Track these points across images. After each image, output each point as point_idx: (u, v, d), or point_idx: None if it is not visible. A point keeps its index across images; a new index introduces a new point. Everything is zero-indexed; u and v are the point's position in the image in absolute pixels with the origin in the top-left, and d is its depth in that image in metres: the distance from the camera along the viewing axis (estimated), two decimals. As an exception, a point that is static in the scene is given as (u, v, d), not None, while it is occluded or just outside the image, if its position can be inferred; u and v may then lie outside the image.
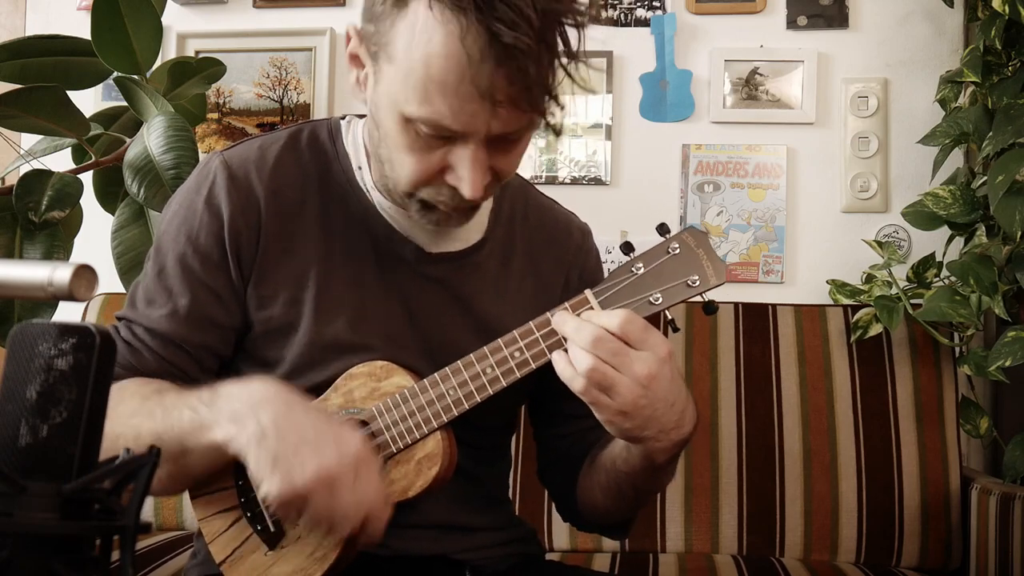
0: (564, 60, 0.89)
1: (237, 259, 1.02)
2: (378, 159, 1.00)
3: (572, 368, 0.90)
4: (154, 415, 0.92)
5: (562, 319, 0.93)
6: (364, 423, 1.00)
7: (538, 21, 0.84)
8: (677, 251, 0.96)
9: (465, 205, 0.97)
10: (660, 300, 0.95)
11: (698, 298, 0.97)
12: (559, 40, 0.88)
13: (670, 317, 0.98)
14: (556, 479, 1.19)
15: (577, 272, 1.18)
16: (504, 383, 0.97)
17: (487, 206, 1.12)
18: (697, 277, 0.95)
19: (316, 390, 1.01)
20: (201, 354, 1.03)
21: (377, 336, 1.03)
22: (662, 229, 0.97)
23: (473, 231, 1.10)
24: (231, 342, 1.05)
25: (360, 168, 1.07)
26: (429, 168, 0.93)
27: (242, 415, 0.88)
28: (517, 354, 0.97)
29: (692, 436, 0.98)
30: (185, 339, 1.01)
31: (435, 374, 0.98)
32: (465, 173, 0.92)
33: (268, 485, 0.86)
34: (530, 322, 0.97)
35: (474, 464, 1.08)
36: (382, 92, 0.93)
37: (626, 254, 0.97)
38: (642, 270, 0.96)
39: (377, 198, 1.06)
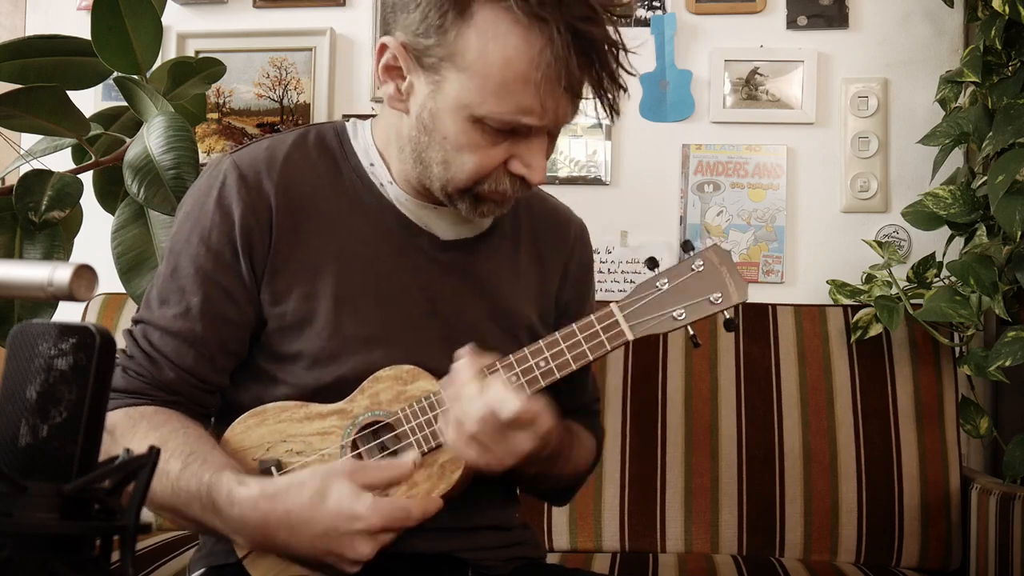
0: (620, 49, 0.96)
1: (249, 257, 1.04)
2: (421, 162, 1.02)
3: (461, 445, 0.95)
4: (163, 484, 0.96)
5: (462, 387, 0.95)
6: (390, 427, 1.02)
7: (602, 14, 0.93)
8: (701, 268, 0.99)
9: (521, 193, 1.03)
10: (683, 316, 0.99)
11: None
12: (616, 31, 0.96)
13: (692, 332, 1.00)
14: None
15: (576, 262, 1.23)
16: (528, 392, 0.99)
17: None
18: (720, 294, 0.98)
19: (340, 383, 1.03)
20: (216, 354, 1.04)
21: (397, 325, 1.05)
22: (686, 246, 1.00)
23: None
24: (245, 340, 1.06)
25: (373, 165, 1.10)
26: (493, 162, 0.99)
27: (265, 543, 0.94)
28: (543, 363, 1.00)
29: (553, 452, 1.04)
30: (199, 338, 1.03)
31: None
32: (534, 161, 0.99)
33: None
34: (556, 333, 1.01)
35: None
36: (446, 98, 0.97)
37: (651, 269, 1.00)
38: (667, 286, 0.99)
39: (394, 192, 1.09)
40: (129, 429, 0.98)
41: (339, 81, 2.26)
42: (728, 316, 0.99)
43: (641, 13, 2.18)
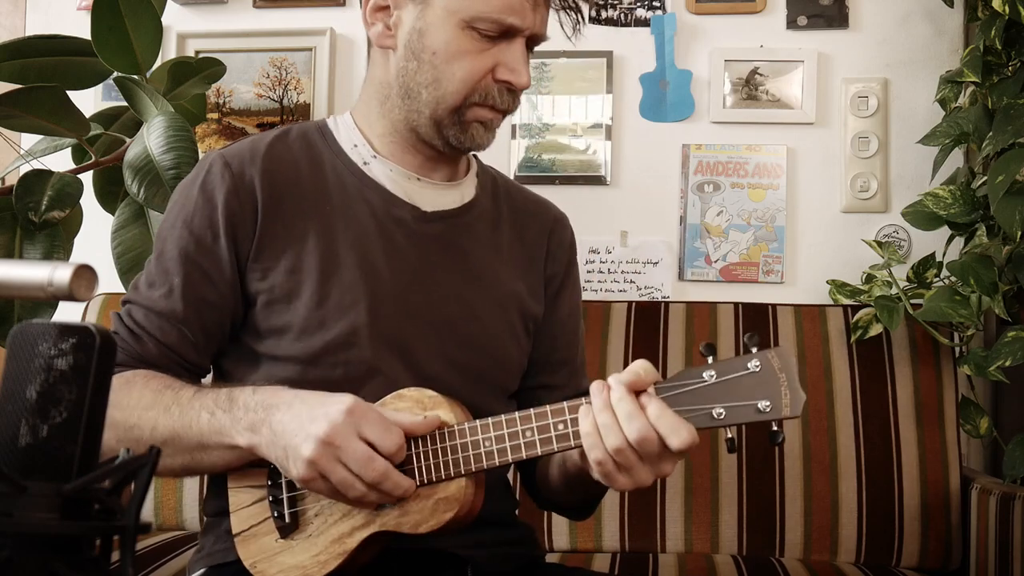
0: None
1: (234, 239, 1.08)
2: (409, 95, 1.09)
3: (597, 436, 0.89)
4: (170, 411, 0.99)
5: (620, 395, 0.89)
6: None
7: None
8: (758, 369, 0.89)
9: (510, 106, 1.10)
10: (723, 416, 0.89)
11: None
12: None
13: (730, 436, 0.91)
14: None
15: (556, 240, 1.26)
16: (539, 451, 0.95)
17: (471, 171, 1.21)
18: (769, 404, 0.88)
19: (327, 350, 1.06)
20: (197, 335, 1.08)
21: (381, 291, 1.09)
22: (751, 340, 0.90)
23: (463, 191, 1.18)
24: (225, 323, 1.10)
25: (356, 146, 1.15)
26: (481, 68, 1.06)
27: (258, 424, 0.96)
28: (561, 426, 0.94)
29: None
30: (181, 318, 1.07)
31: (477, 421, 0.97)
32: (519, 66, 1.07)
33: (293, 474, 0.94)
34: (583, 397, 0.93)
35: None
36: (434, 12, 1.06)
37: (705, 356, 0.91)
38: (713, 379, 0.89)
39: (377, 167, 1.13)
40: (123, 387, 1.01)
41: (339, 81, 2.26)
42: (774, 429, 0.88)
43: (641, 13, 2.18)
